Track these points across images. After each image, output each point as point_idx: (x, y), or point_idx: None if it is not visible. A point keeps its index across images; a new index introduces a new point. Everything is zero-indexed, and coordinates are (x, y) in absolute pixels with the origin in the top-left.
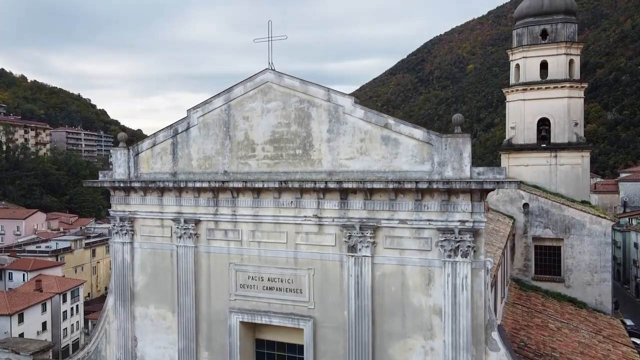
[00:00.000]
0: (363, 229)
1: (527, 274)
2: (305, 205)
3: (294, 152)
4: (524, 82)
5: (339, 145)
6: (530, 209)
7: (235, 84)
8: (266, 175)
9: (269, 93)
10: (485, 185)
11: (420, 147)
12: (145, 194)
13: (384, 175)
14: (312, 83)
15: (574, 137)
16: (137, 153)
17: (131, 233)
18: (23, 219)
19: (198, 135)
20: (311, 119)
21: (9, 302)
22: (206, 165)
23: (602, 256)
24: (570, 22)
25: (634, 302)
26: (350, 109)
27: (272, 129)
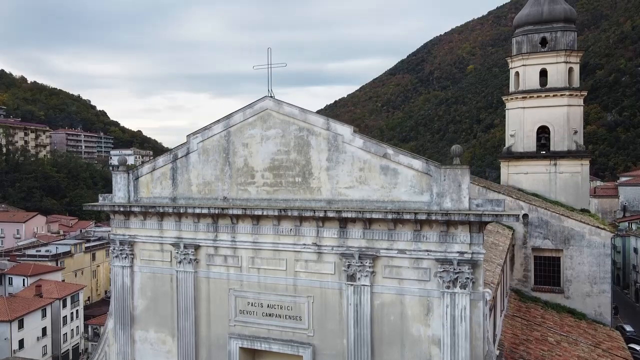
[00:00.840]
0: (362, 258)
1: (526, 284)
2: (305, 233)
3: (294, 180)
4: (524, 90)
5: (338, 174)
6: (530, 220)
7: (235, 111)
8: (265, 202)
9: (269, 120)
10: (483, 218)
11: (419, 177)
12: (145, 218)
13: (382, 205)
14: (311, 112)
15: (573, 145)
16: (137, 177)
17: (131, 257)
18: (23, 222)
19: (197, 161)
20: (310, 147)
21: (9, 308)
22: (206, 190)
23: (601, 267)
24: (569, 30)
25: (633, 307)
26: (350, 138)
27: (271, 156)
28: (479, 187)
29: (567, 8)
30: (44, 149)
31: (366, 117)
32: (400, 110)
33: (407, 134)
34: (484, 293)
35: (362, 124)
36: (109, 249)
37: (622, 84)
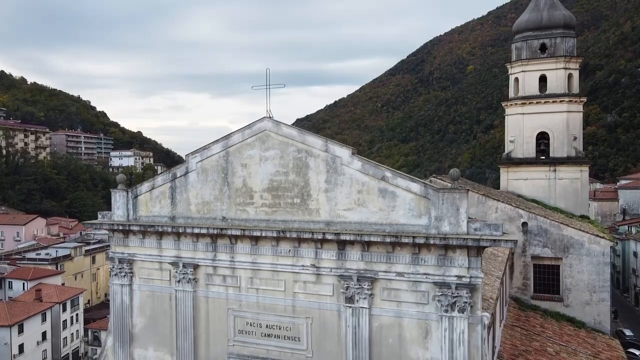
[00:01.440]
0: (360, 281)
1: (526, 292)
2: (303, 255)
3: (292, 201)
4: (523, 96)
5: (336, 196)
6: (529, 228)
7: (233, 131)
8: (264, 223)
9: (267, 141)
10: (481, 242)
11: (417, 200)
12: (144, 236)
13: (381, 228)
14: (310, 133)
15: (572, 151)
16: (135, 195)
17: (130, 275)
18: (23, 225)
19: (196, 180)
20: (309, 168)
21: (9, 313)
22: (204, 210)
23: (600, 276)
24: (569, 37)
25: (633, 311)
26: (348, 160)
27: (270, 177)
28: (478, 195)
29: (567, 14)
30: (44, 151)
31: (366, 118)
32: (400, 111)
33: (407, 134)
34: (482, 317)
35: (362, 124)
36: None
37: (622, 85)
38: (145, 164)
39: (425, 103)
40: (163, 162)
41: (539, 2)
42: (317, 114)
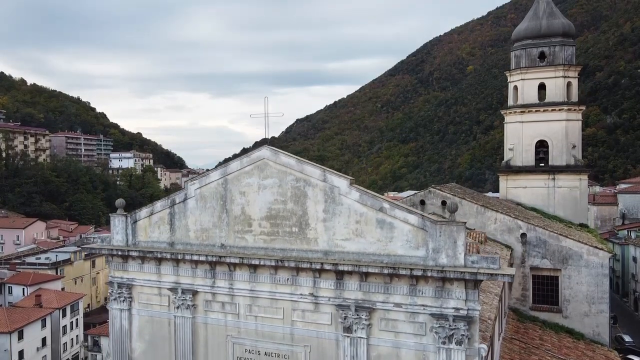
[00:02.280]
0: (358, 311)
1: (525, 303)
2: (302, 283)
3: (290, 230)
4: (522, 104)
5: (334, 226)
6: (528, 239)
7: (232, 160)
8: (263, 251)
9: (266, 170)
10: (479, 276)
11: (415, 232)
12: (143, 262)
13: (379, 259)
14: (308, 162)
15: (571, 159)
16: (134, 221)
17: (129, 300)
18: (22, 229)
19: (195, 207)
20: (307, 198)
21: (8, 319)
22: (203, 237)
23: (599, 287)
24: (568, 45)
25: (632, 316)
26: (346, 190)
27: (268, 205)
28: (477, 205)
29: (566, 23)
30: (44, 153)
31: (366, 118)
32: (400, 111)
33: (407, 135)
34: (480, 349)
35: (361, 125)
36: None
37: (621, 86)
38: (145, 165)
39: (425, 103)
40: (163, 163)
41: (537, 10)
42: (317, 114)
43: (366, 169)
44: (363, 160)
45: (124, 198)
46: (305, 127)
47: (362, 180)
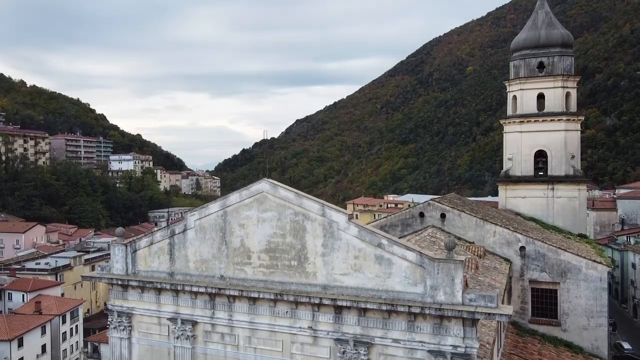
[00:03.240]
0: (357, 345)
1: (524, 316)
2: (301, 317)
3: (289, 263)
4: (521, 114)
5: (333, 260)
6: (527, 252)
7: (232, 192)
8: (262, 283)
9: (265, 203)
10: (476, 315)
11: (413, 269)
12: (143, 291)
13: (377, 294)
14: (307, 197)
15: (570, 169)
16: (134, 250)
17: (129, 329)
18: (22, 233)
19: (195, 238)
20: (306, 232)
21: (8, 327)
22: (203, 268)
23: (598, 301)
24: (567, 55)
25: (631, 323)
26: (345, 225)
27: (267, 238)
28: (476, 219)
29: (564, 33)
30: (44, 156)
31: (365, 119)
32: (400, 112)
33: (407, 136)
34: None
35: (361, 126)
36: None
37: (621, 88)
38: (144, 167)
39: (425, 104)
40: (162, 164)
41: (536, 20)
42: (317, 114)
43: (366, 170)
44: (363, 161)
45: (123, 200)
46: (305, 127)
47: (362, 182)
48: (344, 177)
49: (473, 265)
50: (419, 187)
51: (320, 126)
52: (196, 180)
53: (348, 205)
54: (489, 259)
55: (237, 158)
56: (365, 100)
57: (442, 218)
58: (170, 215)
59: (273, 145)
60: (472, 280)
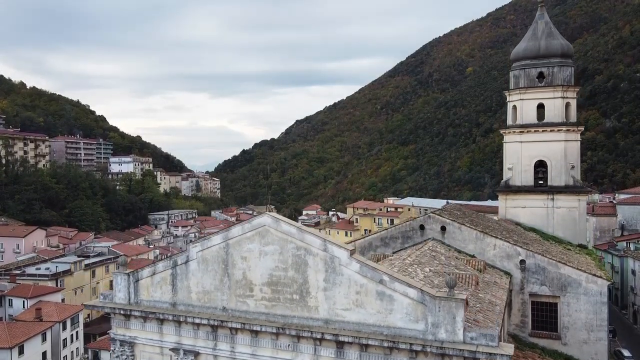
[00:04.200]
0: None
1: (524, 330)
2: (303, 350)
3: (291, 297)
4: (521, 125)
5: (335, 295)
6: (527, 266)
7: (234, 225)
8: (264, 316)
9: (267, 236)
10: (477, 355)
11: (415, 306)
12: (145, 321)
13: (379, 330)
14: (309, 232)
15: (570, 180)
16: (137, 280)
17: (131, 358)
18: (23, 237)
19: (197, 269)
20: (308, 266)
21: (9, 335)
22: (205, 299)
23: (598, 315)
24: (566, 66)
25: (631, 329)
26: (346, 261)
27: (269, 272)
28: (476, 232)
29: (564, 43)
30: (44, 159)
31: (365, 120)
32: (400, 113)
33: (407, 137)
34: None
35: (361, 126)
36: (109, 265)
37: (620, 90)
38: (144, 169)
39: (425, 105)
40: (162, 166)
41: (536, 30)
42: (317, 115)
43: (366, 171)
44: (362, 162)
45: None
46: (304, 128)
47: (361, 183)
48: (344, 178)
49: (473, 282)
50: (419, 189)
51: (320, 127)
52: (196, 181)
53: (348, 208)
54: (489, 273)
55: (237, 159)
56: (365, 100)
57: (442, 231)
58: (170, 218)
59: (273, 146)
60: (472, 297)
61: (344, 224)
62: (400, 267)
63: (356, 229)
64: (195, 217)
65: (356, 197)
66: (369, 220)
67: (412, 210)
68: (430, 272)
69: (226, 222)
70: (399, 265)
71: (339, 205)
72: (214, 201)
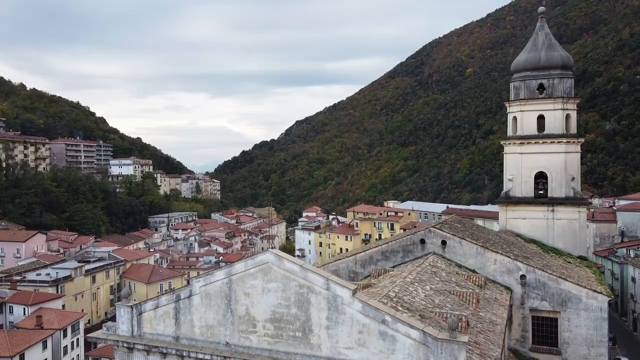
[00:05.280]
0: None
1: (524, 344)
2: None
3: (294, 334)
4: (521, 136)
5: (337, 334)
6: (528, 281)
7: (237, 261)
8: (267, 352)
9: (270, 273)
10: None
11: (417, 347)
12: (149, 354)
13: None
14: (312, 270)
15: (570, 191)
16: (140, 312)
17: None
18: (23, 242)
19: (200, 304)
20: (310, 304)
21: (10, 343)
22: (208, 334)
23: (598, 331)
24: (566, 77)
25: (631, 336)
26: (349, 300)
27: (272, 308)
28: (476, 246)
29: (564, 55)
30: (44, 162)
31: (365, 120)
32: (400, 114)
33: (407, 138)
34: None
35: (361, 127)
36: (109, 271)
37: (620, 92)
38: (144, 172)
39: (425, 106)
40: (162, 168)
41: (537, 42)
42: (317, 116)
43: (365, 172)
44: (362, 163)
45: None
46: (304, 129)
47: (361, 184)
48: (344, 179)
49: (474, 300)
50: (419, 190)
51: (320, 127)
52: (196, 183)
53: (348, 212)
54: (489, 289)
55: (236, 160)
56: (365, 101)
57: (443, 245)
58: (170, 220)
59: (273, 147)
60: (473, 317)
61: (344, 228)
62: (401, 286)
63: (356, 234)
64: (196, 219)
65: (356, 198)
66: (369, 224)
67: (412, 215)
68: (431, 290)
69: (226, 225)
70: (400, 285)
71: (339, 207)
72: (214, 203)
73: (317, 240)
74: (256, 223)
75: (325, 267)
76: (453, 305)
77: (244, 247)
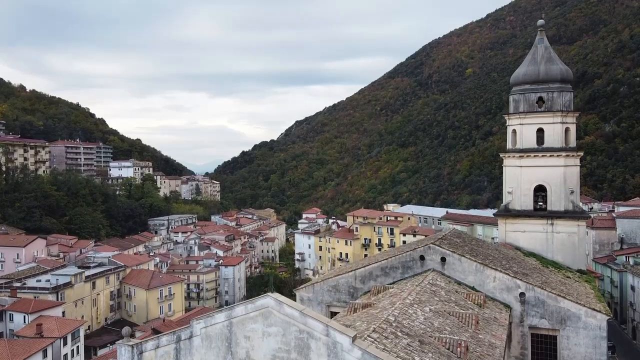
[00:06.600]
0: None
1: None
2: None
3: None
4: (521, 149)
5: None
6: (527, 299)
7: (237, 304)
8: None
9: (270, 318)
10: None
11: None
12: None
13: None
14: (311, 316)
15: (570, 205)
16: (140, 352)
17: None
18: (23, 247)
19: (200, 346)
20: (310, 350)
21: (10, 352)
22: None
23: (597, 349)
24: (566, 91)
25: (630, 345)
26: (348, 347)
27: (272, 353)
28: (476, 263)
29: (564, 68)
30: (44, 165)
31: (365, 121)
32: (399, 114)
33: (406, 138)
34: None
35: (360, 128)
36: (109, 277)
37: (620, 95)
38: (144, 174)
39: (424, 107)
40: (162, 169)
41: (536, 55)
42: (316, 116)
43: (365, 173)
44: (362, 164)
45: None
46: (304, 129)
47: (361, 185)
48: (344, 180)
49: (474, 322)
50: (419, 192)
51: (319, 128)
52: (196, 185)
53: (348, 217)
54: (489, 307)
55: (236, 160)
56: (365, 102)
57: (442, 261)
58: (170, 223)
59: (272, 147)
60: (472, 339)
61: (343, 233)
62: (400, 309)
63: (356, 238)
64: (195, 222)
65: (356, 199)
66: (369, 229)
67: (412, 219)
68: (431, 312)
69: (226, 227)
70: (399, 307)
71: (338, 208)
72: (214, 204)
73: (317, 245)
74: (256, 225)
75: (326, 282)
76: (453, 327)
77: (243, 249)
